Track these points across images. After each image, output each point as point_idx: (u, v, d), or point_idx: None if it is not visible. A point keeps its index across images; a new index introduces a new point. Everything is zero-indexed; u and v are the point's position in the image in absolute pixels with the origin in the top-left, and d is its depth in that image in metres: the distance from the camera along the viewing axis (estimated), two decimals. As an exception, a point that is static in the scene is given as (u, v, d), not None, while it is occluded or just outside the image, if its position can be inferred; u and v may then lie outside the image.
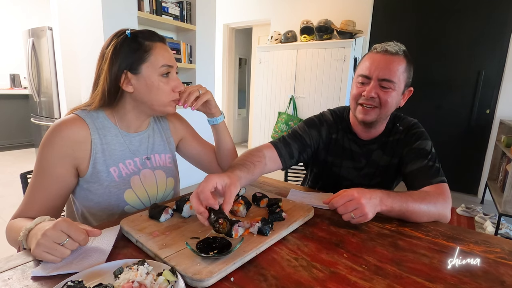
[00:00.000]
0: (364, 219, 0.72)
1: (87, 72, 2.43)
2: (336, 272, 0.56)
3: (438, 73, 3.33)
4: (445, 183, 0.89)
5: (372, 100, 0.95)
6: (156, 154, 0.94)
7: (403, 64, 0.94)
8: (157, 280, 0.47)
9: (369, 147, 1.07)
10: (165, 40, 0.86)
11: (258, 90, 4.35)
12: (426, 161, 0.94)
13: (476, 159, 3.26)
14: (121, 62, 0.78)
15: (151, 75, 0.80)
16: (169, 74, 0.83)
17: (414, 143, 1.00)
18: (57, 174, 0.75)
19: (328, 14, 3.79)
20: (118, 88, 0.80)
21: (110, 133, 0.84)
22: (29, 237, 0.58)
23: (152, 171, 0.91)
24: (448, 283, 0.55)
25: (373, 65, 0.94)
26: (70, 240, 0.55)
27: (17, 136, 4.55)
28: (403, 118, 1.09)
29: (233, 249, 0.57)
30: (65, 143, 0.75)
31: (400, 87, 0.95)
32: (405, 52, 0.96)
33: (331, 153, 1.11)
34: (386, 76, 0.92)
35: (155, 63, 0.80)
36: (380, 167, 1.06)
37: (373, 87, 0.94)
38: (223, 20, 5.06)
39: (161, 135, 0.98)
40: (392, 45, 0.94)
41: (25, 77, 4.37)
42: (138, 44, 0.79)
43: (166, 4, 2.64)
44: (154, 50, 0.80)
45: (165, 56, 0.82)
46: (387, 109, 0.96)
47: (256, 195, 0.85)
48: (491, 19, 3.03)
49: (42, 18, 4.91)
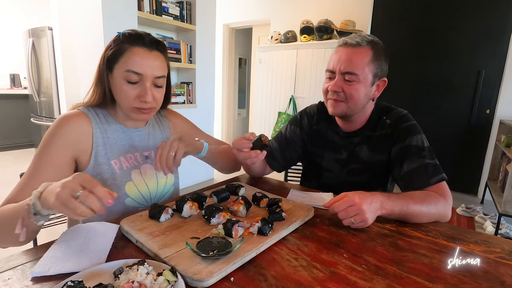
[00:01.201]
0: (364, 224, 0.72)
1: (87, 72, 2.43)
2: (336, 272, 0.56)
3: (438, 73, 3.33)
4: (445, 180, 0.86)
5: (337, 95, 0.95)
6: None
7: (367, 55, 0.92)
8: (157, 280, 0.47)
9: (351, 139, 1.05)
10: (154, 47, 0.82)
11: (258, 90, 4.35)
12: (421, 159, 0.89)
13: (476, 159, 3.26)
14: (104, 60, 0.81)
15: (118, 76, 0.80)
16: (138, 82, 0.80)
17: (404, 140, 0.94)
18: (55, 164, 0.76)
19: (328, 14, 3.79)
20: (110, 87, 0.83)
21: (111, 128, 0.87)
22: (42, 198, 0.56)
23: (152, 166, 0.93)
24: (448, 283, 0.55)
25: (335, 59, 0.94)
26: (84, 191, 0.53)
27: (17, 136, 4.55)
28: (391, 110, 1.03)
29: (233, 249, 0.57)
30: (69, 134, 0.78)
31: (366, 79, 0.93)
32: (373, 43, 0.93)
33: (314, 144, 1.12)
34: (348, 69, 0.91)
35: (123, 66, 0.79)
36: (367, 163, 1.02)
37: (336, 82, 0.94)
38: (223, 20, 5.06)
39: (160, 132, 1.00)
40: (353, 37, 0.93)
41: (25, 77, 4.37)
42: (119, 44, 0.80)
43: (166, 4, 2.64)
44: (127, 53, 0.79)
45: (136, 61, 0.78)
46: (354, 102, 0.94)
47: (256, 195, 0.85)
48: (491, 19, 3.03)
49: (42, 18, 4.91)
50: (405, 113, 1.01)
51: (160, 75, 0.83)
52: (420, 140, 0.93)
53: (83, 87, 2.65)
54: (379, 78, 0.96)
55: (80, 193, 0.53)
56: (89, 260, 0.55)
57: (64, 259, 0.55)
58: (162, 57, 0.84)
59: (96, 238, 0.63)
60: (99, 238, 0.63)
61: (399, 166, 0.93)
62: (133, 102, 0.81)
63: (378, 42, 0.95)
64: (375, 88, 0.97)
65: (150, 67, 0.80)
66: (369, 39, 0.94)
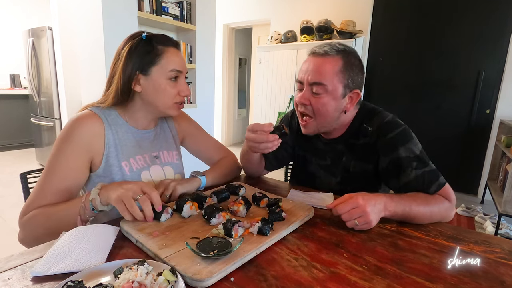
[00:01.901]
0: (367, 226, 0.72)
1: (87, 72, 2.43)
2: (336, 272, 0.56)
3: (438, 73, 3.33)
4: (445, 185, 0.83)
5: (305, 108, 0.91)
6: (165, 151, 0.98)
7: (337, 65, 0.86)
8: (157, 280, 0.47)
9: (334, 145, 1.01)
10: (179, 46, 0.90)
11: (258, 90, 4.35)
12: (414, 171, 0.84)
13: (476, 159, 3.26)
14: (134, 63, 0.82)
15: (159, 77, 0.84)
16: (178, 78, 0.88)
17: (392, 153, 0.87)
18: (73, 166, 0.78)
19: (328, 14, 3.79)
20: (130, 87, 0.84)
21: (122, 129, 0.88)
22: (102, 194, 0.68)
23: (161, 168, 0.95)
24: (448, 283, 0.54)
25: (304, 69, 0.90)
26: (143, 196, 0.66)
27: (17, 136, 4.55)
28: (374, 115, 0.95)
29: (233, 249, 0.57)
30: (83, 136, 0.79)
31: (335, 91, 0.87)
32: (344, 52, 0.88)
33: (301, 147, 1.11)
34: (315, 79, 0.87)
35: (165, 66, 0.84)
36: (354, 173, 0.97)
37: (304, 93, 0.89)
38: (223, 20, 5.06)
39: (168, 132, 1.03)
40: (322, 46, 0.89)
41: (25, 77, 4.36)
42: (151, 47, 0.83)
43: (166, 4, 2.64)
44: (165, 54, 0.84)
45: (175, 61, 0.86)
46: (323, 117, 0.90)
47: (256, 195, 0.85)
48: (491, 19, 3.03)
49: (42, 18, 4.91)
50: (389, 120, 0.92)
51: (187, 70, 0.92)
52: (409, 150, 0.86)
53: (83, 87, 2.65)
54: (350, 90, 0.90)
55: (140, 197, 0.65)
56: (89, 260, 0.55)
57: (64, 259, 0.55)
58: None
59: (96, 238, 0.62)
60: (99, 239, 0.62)
61: (393, 179, 0.89)
62: (174, 98, 0.88)
63: (350, 51, 0.90)
64: (348, 100, 0.91)
65: (183, 64, 0.89)
66: (339, 48, 0.88)
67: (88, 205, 0.68)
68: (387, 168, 0.90)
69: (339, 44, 0.90)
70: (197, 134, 1.12)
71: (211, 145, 1.13)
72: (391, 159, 0.88)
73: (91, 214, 0.70)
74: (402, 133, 0.88)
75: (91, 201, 0.68)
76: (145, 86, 0.85)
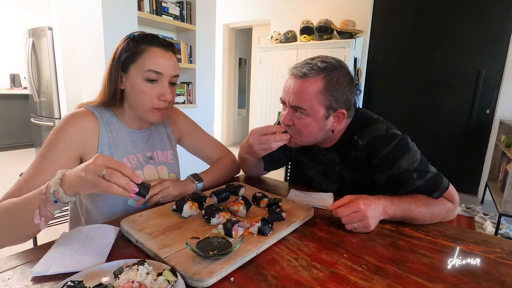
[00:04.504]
0: (366, 230, 0.73)
1: (87, 72, 2.43)
2: (336, 272, 0.56)
3: (438, 73, 3.33)
4: (448, 187, 0.81)
5: (290, 128, 0.88)
6: (159, 151, 0.97)
7: (317, 87, 0.81)
8: (157, 280, 0.47)
9: (328, 154, 0.99)
10: (170, 48, 0.85)
11: (258, 90, 4.35)
12: (416, 182, 0.81)
13: (476, 159, 3.26)
14: (118, 61, 0.82)
15: (136, 76, 0.81)
16: (157, 81, 0.82)
17: (391, 168, 0.83)
18: (60, 162, 0.76)
19: (328, 14, 3.79)
20: (117, 86, 0.83)
21: (116, 128, 0.88)
22: (65, 184, 0.57)
23: (155, 167, 0.94)
24: (448, 283, 0.55)
25: (285, 90, 0.87)
26: (108, 170, 0.55)
27: (17, 136, 4.55)
28: (367, 127, 0.89)
29: (233, 249, 0.57)
30: (76, 133, 0.78)
31: (316, 114, 0.83)
32: (327, 69, 0.82)
33: (297, 150, 1.09)
34: (294, 102, 0.84)
35: (142, 65, 0.81)
36: (351, 183, 0.95)
37: (287, 114, 0.87)
38: (223, 20, 5.06)
39: (163, 132, 1.01)
40: (301, 67, 0.83)
41: (25, 77, 4.36)
42: (135, 45, 0.81)
43: (166, 4, 2.63)
44: (146, 53, 0.81)
45: (156, 61, 0.81)
46: (306, 137, 0.88)
47: (256, 195, 0.85)
48: (491, 19, 3.03)
49: (42, 18, 4.91)
50: (382, 134, 0.85)
51: (176, 74, 0.86)
52: (408, 162, 0.81)
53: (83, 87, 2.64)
54: (334, 110, 0.85)
55: (104, 172, 0.55)
56: (89, 260, 0.55)
57: (64, 259, 0.55)
58: (175, 57, 0.87)
59: (96, 239, 0.63)
60: (99, 239, 0.63)
61: (394, 191, 0.85)
62: (152, 102, 0.83)
63: (335, 68, 0.83)
64: (334, 119, 0.87)
65: (167, 66, 0.83)
66: (321, 66, 0.82)
67: (50, 197, 0.58)
68: (387, 183, 0.86)
69: (321, 61, 0.83)
70: (195, 132, 1.10)
71: (210, 144, 1.12)
72: (390, 174, 0.84)
73: (56, 207, 0.59)
74: (399, 146, 0.83)
75: (53, 194, 0.57)
76: (126, 85, 0.83)
